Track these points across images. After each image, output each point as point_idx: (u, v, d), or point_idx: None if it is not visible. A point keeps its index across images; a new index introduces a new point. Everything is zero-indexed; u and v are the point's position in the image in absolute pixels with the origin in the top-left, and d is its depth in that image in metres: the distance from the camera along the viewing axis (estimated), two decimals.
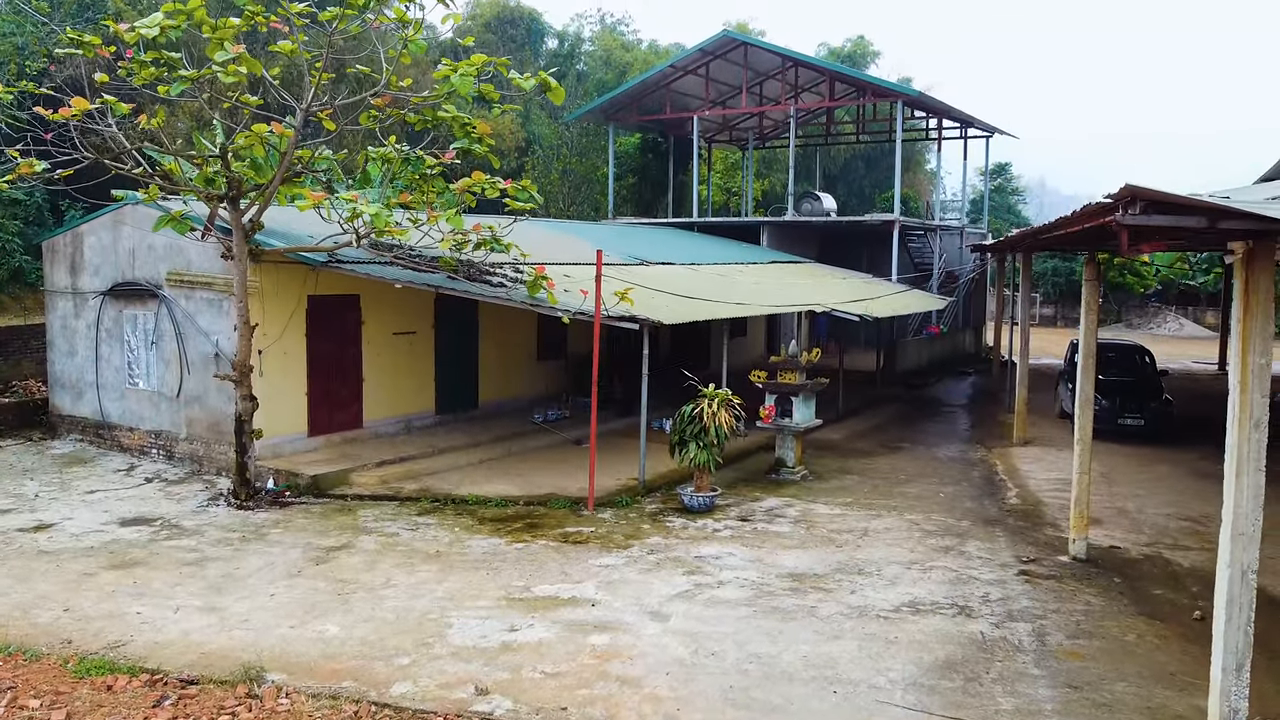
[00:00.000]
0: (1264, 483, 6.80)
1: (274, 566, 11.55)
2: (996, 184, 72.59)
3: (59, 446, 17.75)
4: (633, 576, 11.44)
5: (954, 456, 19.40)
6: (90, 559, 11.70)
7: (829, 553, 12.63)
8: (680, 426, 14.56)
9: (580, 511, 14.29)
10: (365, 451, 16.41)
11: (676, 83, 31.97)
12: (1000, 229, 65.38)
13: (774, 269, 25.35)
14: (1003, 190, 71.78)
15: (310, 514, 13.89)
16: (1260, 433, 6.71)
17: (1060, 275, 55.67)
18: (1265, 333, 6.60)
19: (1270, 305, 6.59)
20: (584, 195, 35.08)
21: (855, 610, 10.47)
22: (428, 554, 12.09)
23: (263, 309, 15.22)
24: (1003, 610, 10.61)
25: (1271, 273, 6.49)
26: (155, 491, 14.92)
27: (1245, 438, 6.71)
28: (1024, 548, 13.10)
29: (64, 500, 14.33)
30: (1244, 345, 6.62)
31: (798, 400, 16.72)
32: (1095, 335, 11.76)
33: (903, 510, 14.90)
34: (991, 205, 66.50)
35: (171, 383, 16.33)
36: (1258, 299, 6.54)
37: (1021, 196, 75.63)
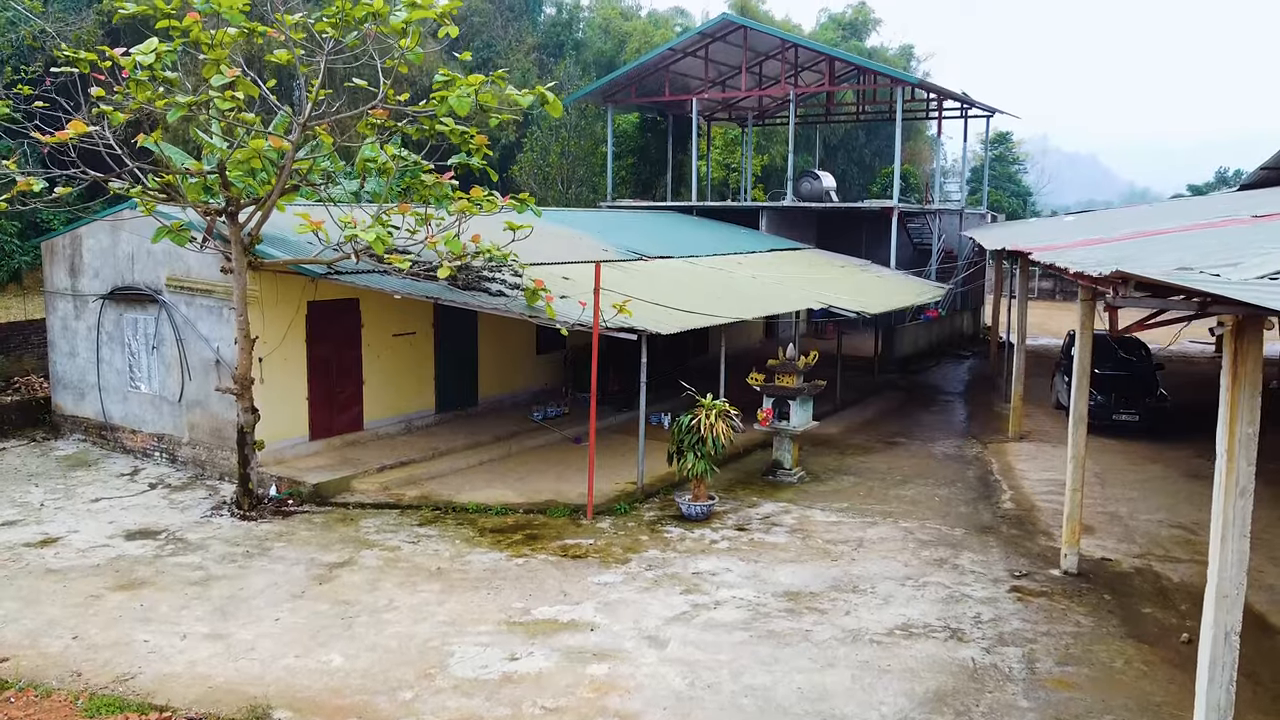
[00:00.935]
0: (1248, 548, 6.94)
1: (278, 586, 11.73)
2: (997, 153, 72.27)
3: (62, 447, 17.89)
4: (631, 596, 11.63)
5: (950, 453, 19.56)
6: (97, 578, 11.88)
7: (824, 567, 12.82)
8: (678, 436, 14.70)
9: (579, 520, 14.46)
10: (366, 455, 16.56)
11: (676, 64, 31.73)
12: (1000, 201, 65.26)
13: (772, 259, 25.34)
14: (1003, 160, 71.47)
15: (313, 524, 14.07)
16: (1246, 500, 6.83)
17: None
18: (1253, 403, 6.71)
19: (1258, 375, 6.68)
20: (582, 176, 34.94)
21: (849, 634, 10.67)
22: (429, 571, 12.27)
23: (263, 316, 15.29)
24: (994, 633, 10.81)
25: (1260, 345, 6.58)
26: (159, 499, 15.08)
27: (1231, 505, 6.83)
28: (1017, 560, 13.29)
29: (69, 510, 14.49)
30: (1232, 414, 6.72)
31: (795, 403, 16.84)
32: (1090, 357, 11.81)
33: (898, 517, 15.08)
34: (992, 175, 66.28)
35: (173, 387, 16.44)
36: (1245, 369, 6.64)
37: (1022, 166, 75.32)
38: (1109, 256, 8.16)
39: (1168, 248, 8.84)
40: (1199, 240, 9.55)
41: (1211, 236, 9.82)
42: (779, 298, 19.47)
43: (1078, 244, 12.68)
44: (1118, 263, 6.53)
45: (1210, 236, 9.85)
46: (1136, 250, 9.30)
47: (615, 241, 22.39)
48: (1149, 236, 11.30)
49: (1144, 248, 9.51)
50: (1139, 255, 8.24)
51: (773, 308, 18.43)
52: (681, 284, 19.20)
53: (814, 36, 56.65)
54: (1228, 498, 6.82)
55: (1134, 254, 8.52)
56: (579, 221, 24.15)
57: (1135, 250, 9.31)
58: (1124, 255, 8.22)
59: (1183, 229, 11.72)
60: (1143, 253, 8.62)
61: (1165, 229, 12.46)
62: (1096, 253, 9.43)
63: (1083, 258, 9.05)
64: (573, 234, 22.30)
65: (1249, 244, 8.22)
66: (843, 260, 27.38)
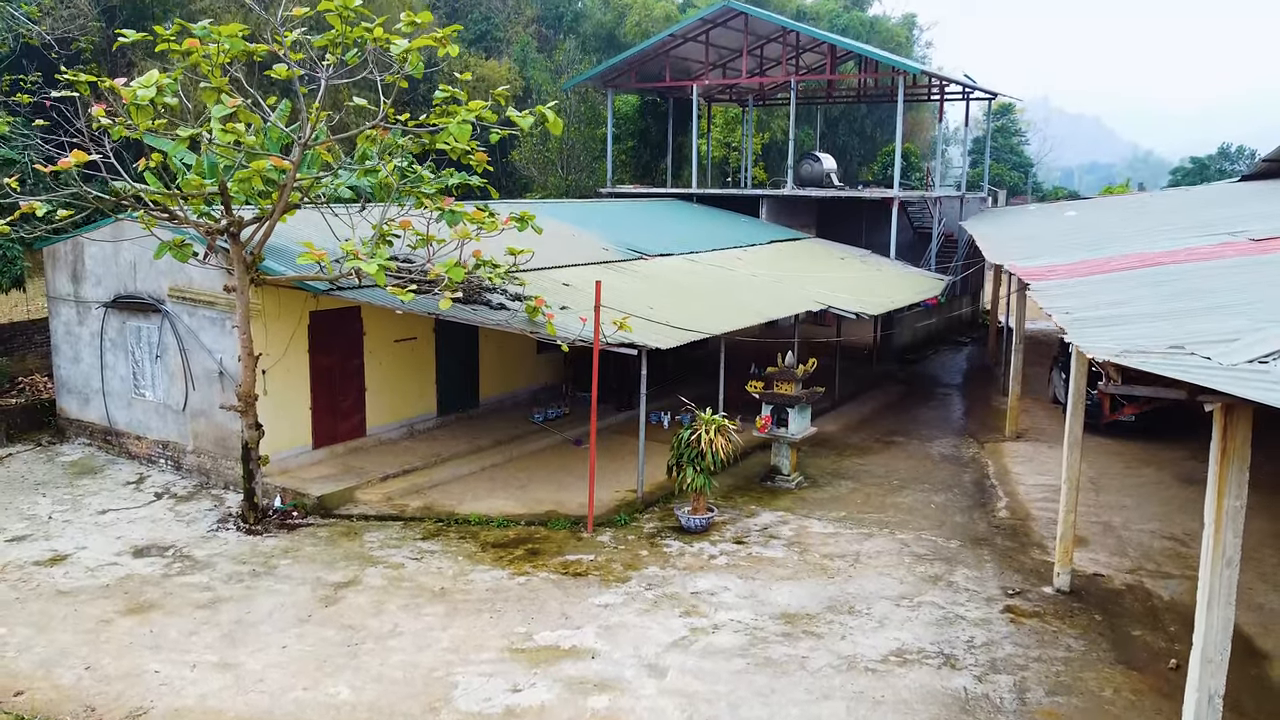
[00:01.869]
0: (1233, 615, 7.12)
1: (284, 609, 11.95)
2: (999, 124, 71.82)
3: (68, 452, 18.07)
4: (631, 619, 11.85)
5: (947, 454, 19.74)
6: (106, 601, 12.10)
7: (821, 584, 13.04)
8: (678, 450, 14.87)
9: (580, 533, 14.67)
10: (369, 463, 16.74)
11: (676, 49, 31.56)
12: (1002, 174, 64.99)
13: (772, 252, 25.38)
14: (1005, 131, 71.00)
15: (317, 539, 14.28)
16: (1232, 570, 7.00)
17: None
18: (1240, 478, 6.85)
19: (1247, 452, 6.82)
20: (583, 163, 34.81)
21: (845, 662, 10.90)
22: (433, 592, 12.49)
23: (265, 329, 15.39)
24: (986, 659, 11.04)
25: (1248, 424, 6.71)
26: (165, 511, 15.28)
27: (1217, 575, 7.00)
28: (1010, 576, 13.51)
29: (76, 523, 14.69)
30: (1220, 488, 6.86)
31: (793, 411, 17.00)
32: (1084, 393, 11.86)
33: (894, 528, 15.29)
34: (994, 147, 65.91)
35: (177, 396, 16.58)
36: (1234, 445, 6.77)
37: (1024, 137, 74.82)
38: (1101, 314, 8.29)
39: (1162, 300, 8.95)
40: (1194, 284, 9.64)
41: (1208, 277, 9.91)
42: (778, 300, 19.55)
43: (1073, 269, 12.76)
44: (1112, 348, 6.64)
45: (1206, 277, 9.93)
46: (1130, 303, 9.39)
47: (615, 238, 22.41)
48: (1147, 268, 11.38)
49: (1138, 295, 9.61)
50: (1132, 312, 8.36)
51: (772, 312, 18.52)
52: (681, 286, 19.27)
53: (815, 8, 56.07)
54: (1214, 567, 6.99)
55: (1128, 311, 8.63)
56: (578, 215, 24.14)
57: (1128, 301, 9.41)
58: (1117, 314, 8.35)
59: (1179, 259, 11.78)
60: (1137, 308, 8.74)
61: (1161, 254, 12.54)
62: (1090, 299, 9.56)
63: (1076, 311, 9.15)
64: (572, 230, 22.33)
65: (1243, 298, 8.33)
66: (842, 251, 27.40)
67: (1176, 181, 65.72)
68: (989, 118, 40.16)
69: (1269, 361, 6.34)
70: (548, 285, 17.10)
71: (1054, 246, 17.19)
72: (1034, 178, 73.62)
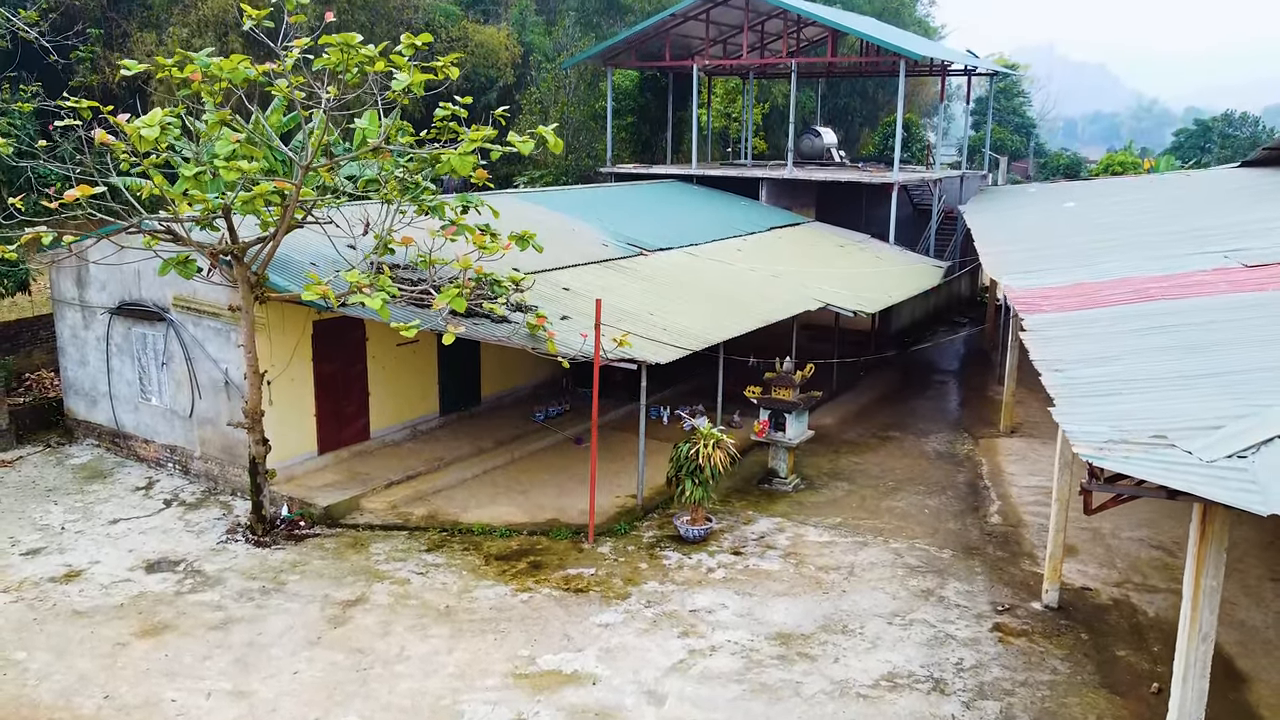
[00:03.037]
0: (1207, 687, 7.44)
1: (294, 630, 12.32)
2: (1001, 85, 71.21)
3: (77, 454, 18.35)
4: (631, 641, 12.22)
5: (941, 451, 20.05)
6: (121, 622, 12.45)
7: (816, 601, 13.41)
8: (677, 463, 15.16)
9: (581, 544, 15.01)
10: (374, 468, 17.04)
11: (677, 28, 31.35)
12: (1003, 139, 64.56)
13: (772, 240, 25.47)
14: (1008, 93, 70.38)
15: (325, 551, 14.62)
16: (1207, 645, 7.30)
17: None
18: (1218, 560, 7.13)
19: (1224, 535, 7.08)
20: (583, 142, 34.69)
21: (837, 687, 11.29)
22: (438, 611, 12.85)
23: (269, 340, 15.59)
24: (974, 683, 11.43)
25: (1226, 516, 6.97)
26: (175, 520, 15.60)
27: (1194, 648, 7.31)
28: (1000, 590, 13.87)
29: (89, 534, 15.02)
30: (1198, 568, 7.15)
31: (791, 416, 17.27)
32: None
33: (888, 536, 15.63)
34: (996, 109, 65.44)
35: (184, 402, 16.82)
36: (1213, 530, 7.03)
37: (1026, 98, 74.20)
38: (1089, 376, 8.54)
39: (1152, 356, 9.15)
40: (1185, 336, 9.85)
41: (1199, 325, 10.11)
42: (777, 299, 19.72)
43: (1067, 297, 12.93)
44: (1095, 437, 6.87)
45: (1197, 324, 10.13)
46: (1119, 358, 9.60)
47: (614, 231, 22.50)
48: (1140, 303, 11.56)
49: (1127, 348, 9.82)
50: (1120, 375, 8.59)
51: (771, 314, 18.70)
52: (681, 286, 19.43)
53: None
54: (1190, 642, 7.29)
55: (1115, 372, 8.86)
56: (576, 205, 24.18)
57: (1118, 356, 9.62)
58: (1104, 376, 8.58)
59: (1172, 292, 11.94)
60: (1125, 367, 8.95)
61: (1155, 282, 12.70)
62: (1079, 347, 9.79)
63: (1066, 369, 9.36)
64: (571, 223, 22.41)
65: (1231, 362, 8.54)
66: (842, 237, 27.47)
67: (1180, 143, 65.41)
68: (990, 93, 39.96)
69: (1248, 456, 6.57)
70: (548, 291, 17.26)
71: (1050, 256, 17.32)
72: (1036, 138, 73.19)
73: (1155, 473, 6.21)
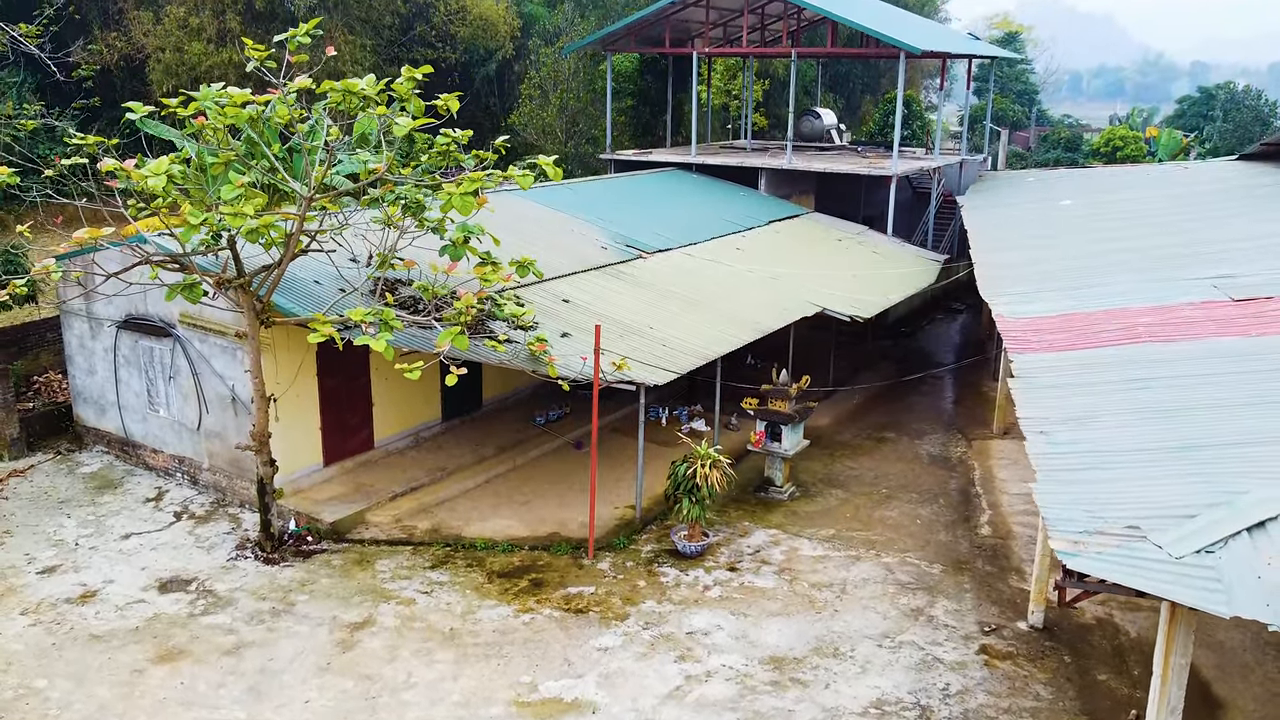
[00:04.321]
0: None
1: (305, 655, 12.77)
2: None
3: (87, 462, 18.71)
4: (629, 666, 12.68)
5: (935, 454, 20.42)
6: (137, 646, 12.89)
7: (808, 621, 13.85)
8: (675, 482, 15.53)
9: (581, 560, 15.43)
10: (378, 479, 17.41)
11: (677, 14, 31.20)
12: (1005, 109, 64.22)
13: (770, 235, 25.62)
14: (1011, 60, 69.79)
15: (331, 568, 15.04)
16: (1175, 717, 7.69)
17: (1062, 166, 54.96)
18: (1186, 639, 7.50)
19: (1192, 619, 7.45)
20: (582, 129, 34.63)
21: (828, 715, 11.75)
22: (443, 634, 13.29)
23: (275, 360, 15.89)
24: (959, 711, 11.89)
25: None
26: (185, 535, 16.00)
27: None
28: (987, 609, 14.31)
29: (102, 550, 15.43)
30: (1167, 648, 7.53)
31: (787, 428, 17.61)
32: None
33: (881, 549, 16.05)
34: (998, 76, 65.05)
35: (191, 415, 17.15)
36: (1181, 616, 7.39)
37: (1029, 65, 73.68)
38: (1072, 443, 8.88)
39: (1133, 421, 9.46)
40: (1167, 393, 10.14)
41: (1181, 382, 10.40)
42: (775, 305, 19.96)
43: (1056, 333, 13.19)
44: (1070, 528, 7.21)
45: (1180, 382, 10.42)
46: (1099, 417, 9.91)
47: (612, 231, 22.66)
48: (1127, 344, 11.84)
49: (1110, 405, 10.13)
50: (1101, 447, 8.91)
51: (768, 324, 18.95)
52: (680, 295, 19.65)
53: None
54: (1159, 714, 7.68)
55: (1096, 440, 9.18)
56: (575, 202, 24.27)
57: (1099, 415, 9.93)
58: (1087, 448, 8.91)
59: (1159, 333, 12.21)
60: (1106, 436, 9.28)
61: (1143, 315, 12.96)
62: (1065, 404, 10.12)
63: (1050, 432, 9.68)
64: (569, 222, 22.56)
65: (1209, 432, 8.85)
66: (840, 231, 27.61)
67: (1183, 111, 65.09)
68: (991, 71, 39.80)
69: (1215, 551, 6.90)
70: (547, 304, 17.51)
71: (1043, 272, 17.55)
72: (1039, 105, 72.78)
73: (1125, 575, 6.55)
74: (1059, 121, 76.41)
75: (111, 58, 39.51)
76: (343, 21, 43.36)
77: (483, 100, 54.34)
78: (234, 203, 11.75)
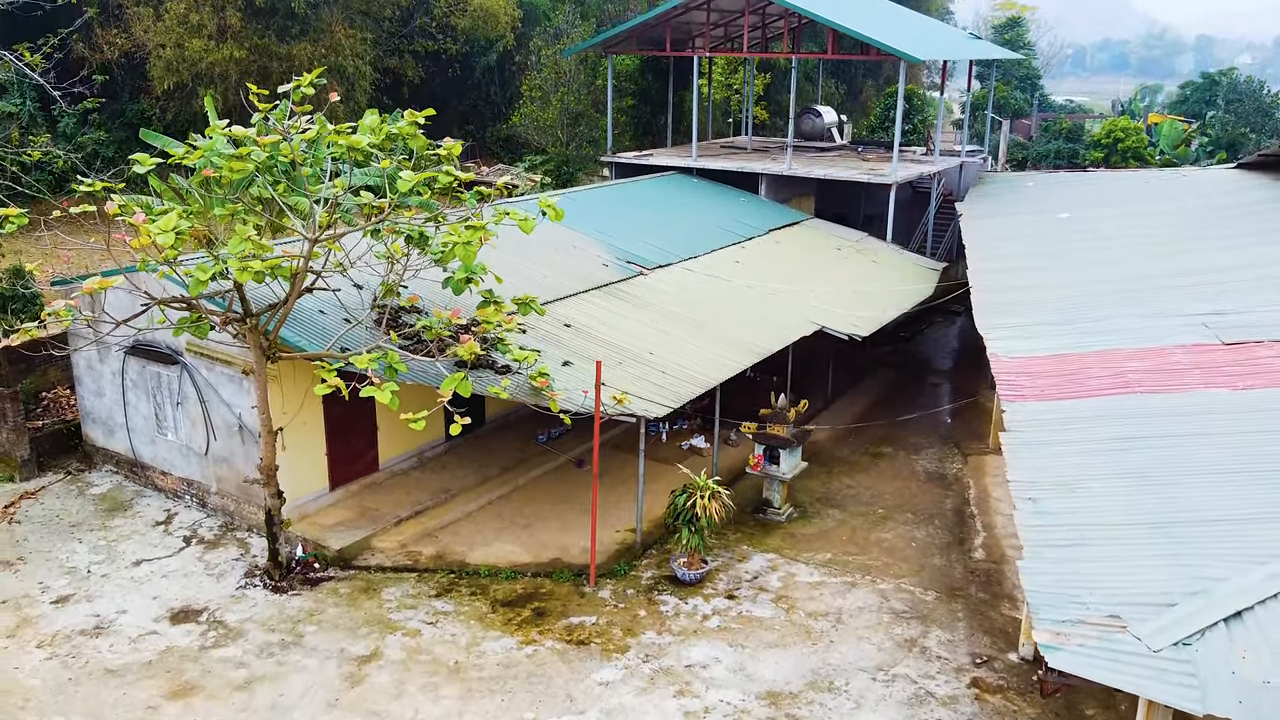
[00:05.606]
0: None
1: (314, 690, 13.13)
2: (1007, 38, 70.40)
3: (97, 483, 19.02)
4: (630, 701, 13.04)
5: (931, 471, 20.73)
6: (151, 681, 13.26)
7: (804, 653, 14.20)
8: (674, 511, 15.85)
9: (583, 587, 15.78)
10: (383, 503, 17.74)
11: (679, 17, 31.23)
12: (1006, 98, 64.03)
13: (770, 245, 25.79)
14: (1013, 44, 69.55)
15: (338, 597, 15.39)
16: None
17: (1063, 158, 55.10)
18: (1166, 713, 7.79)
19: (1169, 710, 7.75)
20: (583, 132, 34.71)
21: None
22: (448, 668, 13.65)
23: (281, 390, 16.15)
24: None
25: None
26: (195, 561, 16.33)
27: None
28: (979, 639, 14.66)
29: (114, 578, 15.77)
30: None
31: (785, 452, 17.91)
32: None
33: (876, 575, 16.39)
34: (1000, 64, 64.80)
35: (199, 440, 17.44)
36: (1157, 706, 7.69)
37: (1031, 49, 73.32)
38: (1057, 512, 9.17)
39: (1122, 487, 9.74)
40: (1158, 453, 10.40)
41: (1170, 441, 10.67)
42: (774, 324, 20.21)
43: (1047, 378, 13.44)
44: (1053, 619, 7.51)
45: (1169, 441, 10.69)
46: (1086, 481, 10.19)
47: (612, 245, 22.84)
48: (1118, 395, 12.10)
49: (1098, 466, 10.41)
50: (1086, 520, 9.21)
51: (767, 346, 19.19)
52: (678, 316, 19.88)
53: None
54: None
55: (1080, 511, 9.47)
56: (575, 213, 24.18)
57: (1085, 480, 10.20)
58: (1072, 516, 9.21)
59: (1149, 383, 12.46)
60: (1091, 506, 9.57)
61: (1134, 359, 13.20)
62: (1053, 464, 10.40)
63: (1038, 499, 9.95)
64: (570, 236, 22.71)
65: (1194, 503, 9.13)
66: (839, 239, 27.77)
67: (1185, 96, 64.96)
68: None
69: (1192, 643, 7.19)
70: (549, 329, 17.72)
71: (1038, 301, 17.77)
72: (1041, 90, 72.57)
73: (1105, 674, 6.85)
74: (1061, 107, 76.23)
75: (112, 54, 39.50)
76: (343, 15, 43.29)
77: (483, 89, 54.33)
78: (242, 260, 11.96)
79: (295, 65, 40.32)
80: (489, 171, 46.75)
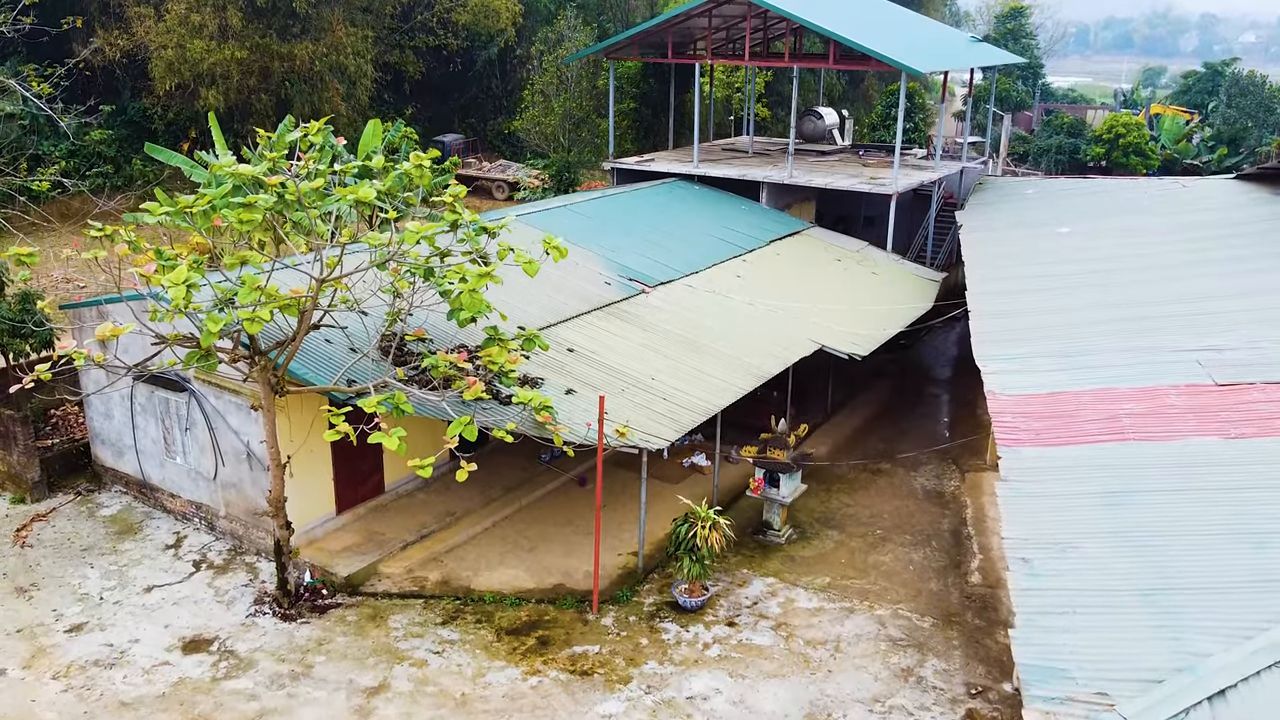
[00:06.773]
0: None
1: None
2: (1009, 28, 70.23)
3: (107, 504, 19.30)
4: None
5: (929, 488, 21.00)
6: (165, 715, 13.58)
7: (803, 683, 14.51)
8: (676, 541, 16.13)
9: (586, 614, 16.08)
10: (389, 526, 18.02)
11: (680, 24, 31.25)
12: (1008, 90, 63.93)
13: (770, 258, 25.95)
14: (1015, 35, 69.39)
15: (346, 624, 15.69)
16: None
17: (1064, 153, 55.09)
18: None
19: None
20: (584, 138, 34.79)
21: None
22: (455, 700, 13.97)
23: (288, 419, 16.39)
24: None
25: None
26: (204, 587, 16.63)
27: None
28: (975, 668, 14.97)
29: (126, 605, 16.07)
30: None
31: (785, 476, 18.17)
32: None
33: (874, 600, 16.68)
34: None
35: (207, 465, 17.70)
36: None
37: (1035, 39, 73.08)
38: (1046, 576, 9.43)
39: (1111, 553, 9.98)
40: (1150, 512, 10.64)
41: (1160, 493, 10.90)
42: (774, 344, 20.42)
43: (1040, 422, 13.66)
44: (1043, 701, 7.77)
45: (1160, 494, 10.92)
46: (1077, 543, 10.44)
47: (614, 261, 22.99)
48: (1112, 442, 12.32)
49: (1087, 526, 10.66)
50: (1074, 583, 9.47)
51: (768, 367, 19.41)
52: (680, 338, 20.08)
53: None
54: None
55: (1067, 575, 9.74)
56: (576, 226, 24.52)
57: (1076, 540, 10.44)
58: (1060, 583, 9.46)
59: (1142, 430, 12.68)
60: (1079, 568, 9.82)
61: (1128, 400, 13.42)
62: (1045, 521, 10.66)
63: (1031, 560, 10.21)
64: (570, 251, 22.77)
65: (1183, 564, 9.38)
66: (840, 249, 27.91)
67: (1188, 86, 64.89)
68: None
69: None
70: (551, 354, 17.90)
71: (1035, 326, 17.97)
72: (1043, 79, 72.41)
73: None
74: (1063, 95, 76.07)
75: (114, 55, 39.55)
76: (344, 13, 43.28)
77: (484, 82, 54.35)
78: (253, 311, 12.17)
79: (296, 64, 40.39)
80: (491, 168, 46.86)
